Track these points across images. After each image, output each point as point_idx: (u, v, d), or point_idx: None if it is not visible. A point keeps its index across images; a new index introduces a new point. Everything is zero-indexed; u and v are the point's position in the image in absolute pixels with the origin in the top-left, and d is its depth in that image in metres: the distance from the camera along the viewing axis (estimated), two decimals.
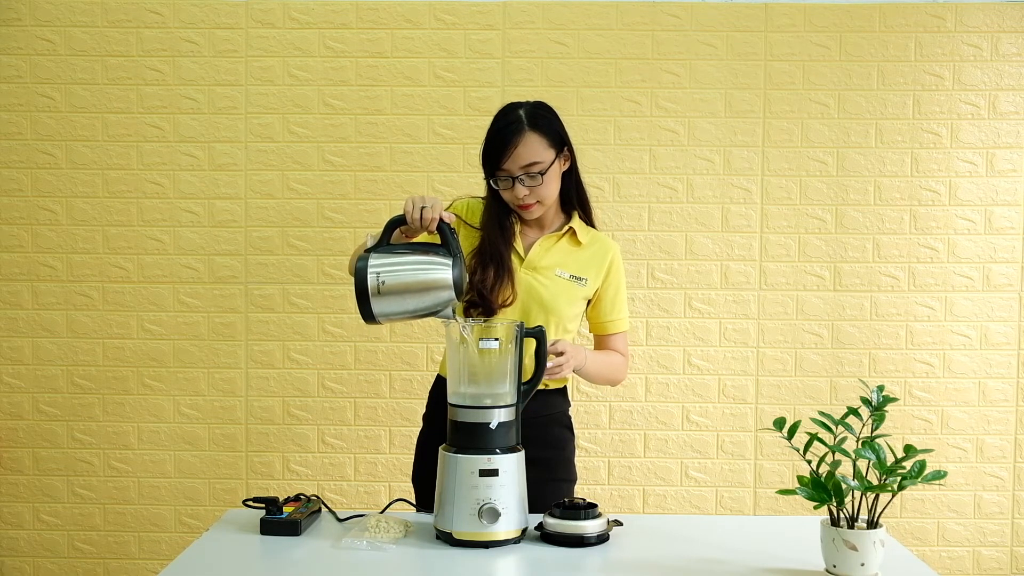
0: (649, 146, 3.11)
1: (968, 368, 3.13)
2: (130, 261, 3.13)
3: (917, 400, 3.13)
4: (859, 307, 3.13)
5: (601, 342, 2.25)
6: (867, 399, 1.67)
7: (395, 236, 1.90)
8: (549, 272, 2.13)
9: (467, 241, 2.12)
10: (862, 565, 1.58)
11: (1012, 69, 3.10)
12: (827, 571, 1.63)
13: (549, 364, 1.97)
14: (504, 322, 1.92)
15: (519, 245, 2.15)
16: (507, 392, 1.85)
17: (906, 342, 3.13)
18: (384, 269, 1.79)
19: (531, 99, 2.15)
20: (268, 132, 3.11)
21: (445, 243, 1.85)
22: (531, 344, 1.95)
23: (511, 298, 2.09)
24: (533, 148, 2.04)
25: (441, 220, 1.86)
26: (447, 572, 1.69)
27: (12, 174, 3.13)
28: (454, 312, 1.84)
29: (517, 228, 2.15)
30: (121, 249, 3.13)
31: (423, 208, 1.85)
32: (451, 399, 1.86)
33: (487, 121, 2.12)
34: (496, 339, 1.85)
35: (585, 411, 3.13)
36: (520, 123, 2.05)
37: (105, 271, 3.13)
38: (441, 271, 1.80)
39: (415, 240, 1.97)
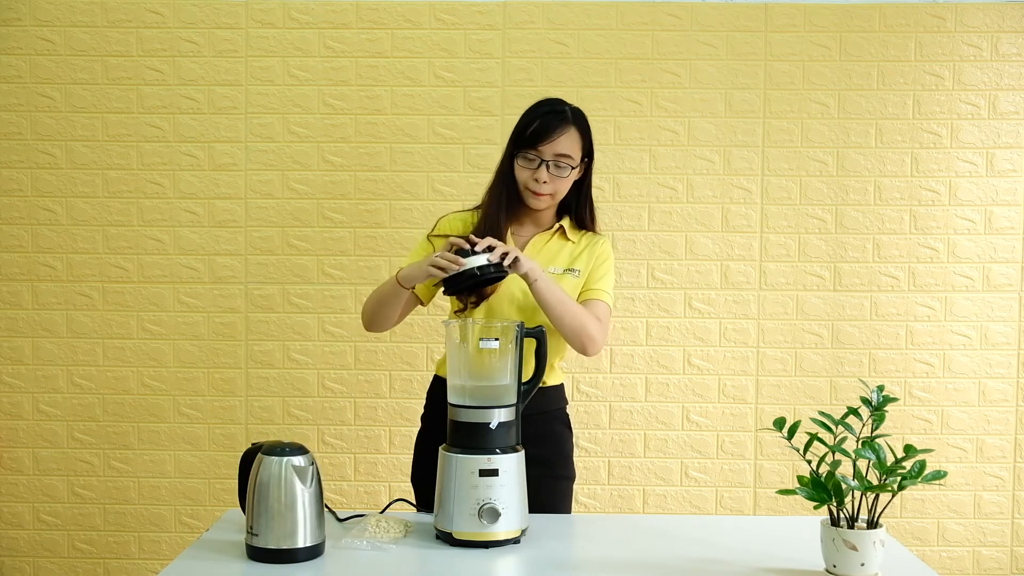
0: (649, 146, 3.11)
1: (968, 368, 3.13)
2: (130, 261, 3.13)
3: (917, 400, 3.13)
4: (859, 307, 3.13)
5: None
6: (867, 399, 1.67)
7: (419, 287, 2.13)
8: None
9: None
10: (862, 565, 1.58)
11: (1012, 69, 3.10)
12: (827, 571, 1.63)
13: (493, 256, 1.96)
14: (504, 322, 1.92)
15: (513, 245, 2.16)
16: (507, 392, 1.85)
17: (906, 342, 3.13)
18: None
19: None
20: (268, 132, 3.11)
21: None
22: (531, 344, 1.95)
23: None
24: (572, 142, 2.12)
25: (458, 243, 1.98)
26: (447, 572, 1.69)
27: (12, 174, 3.13)
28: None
29: (509, 231, 2.18)
30: (121, 249, 3.13)
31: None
32: (451, 399, 1.86)
33: (487, 121, 2.13)
34: (496, 339, 1.85)
35: (585, 411, 3.13)
36: (567, 115, 2.14)
37: (105, 271, 3.13)
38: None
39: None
